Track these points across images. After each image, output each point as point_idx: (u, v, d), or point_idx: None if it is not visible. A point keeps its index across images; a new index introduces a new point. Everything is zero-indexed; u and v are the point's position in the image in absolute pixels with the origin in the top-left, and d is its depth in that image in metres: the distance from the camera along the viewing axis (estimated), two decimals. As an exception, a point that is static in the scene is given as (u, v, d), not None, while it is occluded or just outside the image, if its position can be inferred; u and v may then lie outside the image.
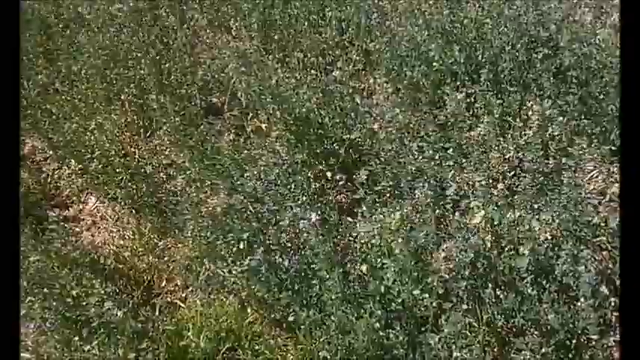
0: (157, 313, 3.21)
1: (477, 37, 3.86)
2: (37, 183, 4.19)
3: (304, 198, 2.99)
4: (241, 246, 2.92)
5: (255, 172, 3.26)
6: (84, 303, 2.78)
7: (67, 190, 4.20)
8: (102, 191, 3.96)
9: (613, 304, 2.62)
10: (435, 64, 3.81)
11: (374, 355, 2.46)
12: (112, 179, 3.77)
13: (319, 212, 3.19)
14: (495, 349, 2.82)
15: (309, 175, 3.37)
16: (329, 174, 3.46)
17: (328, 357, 2.63)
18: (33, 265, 3.02)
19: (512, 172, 3.31)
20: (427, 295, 2.66)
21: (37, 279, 2.94)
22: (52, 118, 4.16)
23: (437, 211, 3.02)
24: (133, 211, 3.84)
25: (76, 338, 2.69)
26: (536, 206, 3.01)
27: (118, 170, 3.75)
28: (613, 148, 3.41)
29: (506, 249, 2.86)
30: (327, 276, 2.70)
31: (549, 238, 3.00)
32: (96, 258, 3.47)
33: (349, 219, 3.17)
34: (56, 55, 4.60)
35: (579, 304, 2.57)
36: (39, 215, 3.77)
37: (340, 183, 3.40)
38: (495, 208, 2.96)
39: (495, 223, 2.96)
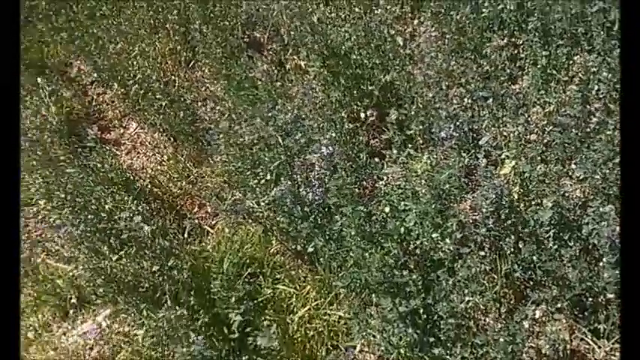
0: (185, 236, 3.33)
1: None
2: (82, 105, 4.33)
3: (333, 135, 2.99)
4: (268, 177, 2.97)
5: (289, 107, 3.28)
6: (116, 217, 2.88)
7: (109, 114, 4.33)
8: (142, 117, 4.07)
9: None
10: (484, 10, 3.69)
11: (386, 291, 2.50)
12: (152, 105, 3.85)
13: (348, 151, 3.22)
14: (512, 301, 2.84)
15: (342, 114, 3.37)
16: (362, 115, 3.45)
17: (342, 288, 2.70)
18: (70, 180, 3.15)
19: (551, 127, 3.22)
20: (447, 240, 2.67)
21: (71, 190, 3.06)
22: (99, 42, 4.24)
23: (467, 160, 2.99)
24: (171, 138, 3.94)
25: (105, 248, 2.81)
26: (568, 162, 2.95)
27: (158, 97, 3.82)
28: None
29: (533, 203, 2.82)
30: (350, 212, 2.72)
31: (578, 195, 2.96)
32: (132, 179, 3.60)
33: (377, 160, 3.17)
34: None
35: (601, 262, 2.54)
36: (81, 135, 3.92)
37: (373, 124, 3.38)
38: (527, 161, 2.91)
39: (525, 175, 2.92)
